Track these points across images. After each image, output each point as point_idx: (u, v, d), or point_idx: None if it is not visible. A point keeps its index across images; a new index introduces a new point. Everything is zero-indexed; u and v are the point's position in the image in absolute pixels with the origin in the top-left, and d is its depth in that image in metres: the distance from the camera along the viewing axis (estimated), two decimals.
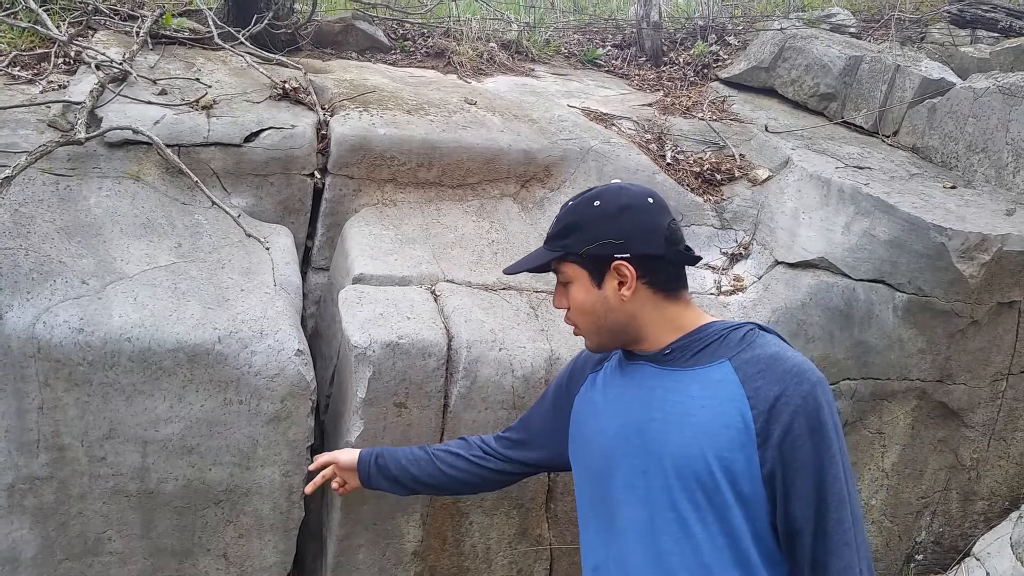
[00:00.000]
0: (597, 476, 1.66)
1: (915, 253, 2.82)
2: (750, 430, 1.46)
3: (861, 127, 3.94)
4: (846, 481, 1.46)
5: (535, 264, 1.71)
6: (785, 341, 1.61)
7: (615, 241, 1.58)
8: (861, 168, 3.32)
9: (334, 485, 2.18)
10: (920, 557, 3.20)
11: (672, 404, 1.55)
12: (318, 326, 2.89)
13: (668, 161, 3.52)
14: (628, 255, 1.58)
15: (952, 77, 3.82)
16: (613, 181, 1.73)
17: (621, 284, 1.60)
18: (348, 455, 2.13)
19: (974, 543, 3.07)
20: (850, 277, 2.91)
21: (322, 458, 2.18)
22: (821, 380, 1.49)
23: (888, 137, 3.85)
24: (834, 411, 1.48)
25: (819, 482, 1.44)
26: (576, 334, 1.71)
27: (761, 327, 1.61)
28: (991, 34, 4.67)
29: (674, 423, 1.53)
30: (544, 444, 1.94)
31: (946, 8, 4.67)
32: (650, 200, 1.62)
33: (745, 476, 1.46)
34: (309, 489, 2.24)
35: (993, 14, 4.48)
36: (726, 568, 1.48)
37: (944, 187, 3.26)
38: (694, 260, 1.66)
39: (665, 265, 1.61)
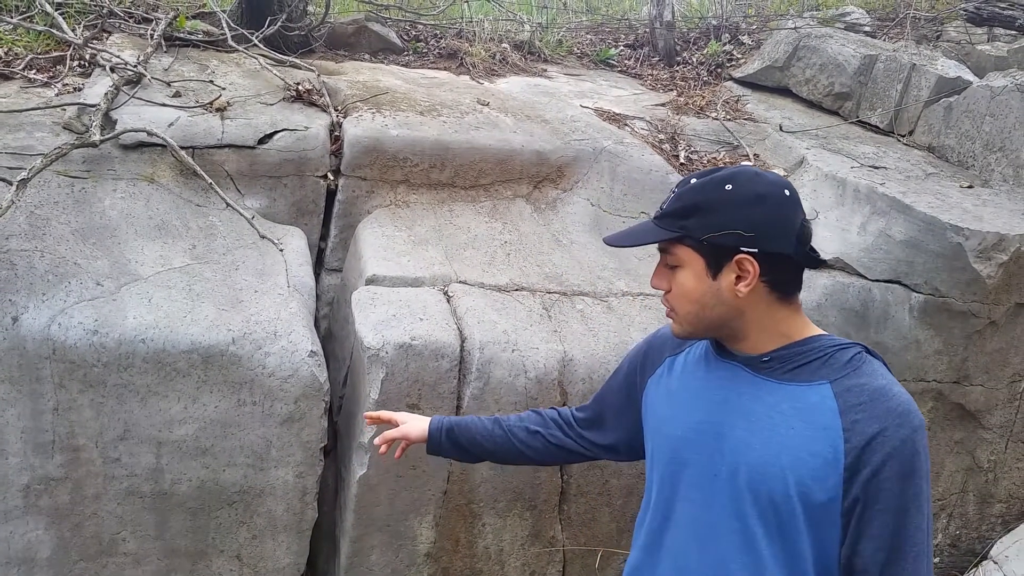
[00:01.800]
0: (664, 465, 1.60)
1: (932, 253, 2.80)
2: (839, 463, 1.38)
3: (876, 126, 3.91)
4: (927, 532, 1.40)
5: (643, 241, 1.54)
6: (889, 370, 1.52)
7: (745, 233, 1.43)
8: (877, 168, 3.30)
9: (395, 453, 1.96)
10: (937, 560, 3.17)
11: (759, 416, 1.46)
12: (331, 327, 2.90)
13: (682, 161, 3.50)
14: (756, 250, 1.43)
15: (969, 76, 3.79)
16: (744, 163, 1.56)
17: (739, 279, 1.45)
18: (418, 430, 1.91)
19: (992, 546, 3.04)
20: (866, 277, 2.89)
21: (391, 434, 1.93)
22: (922, 425, 1.41)
23: (904, 136, 3.82)
24: (927, 459, 1.41)
25: (899, 527, 1.38)
26: (669, 316, 1.58)
27: (868, 351, 1.51)
28: (1008, 32, 4.63)
29: (758, 436, 1.45)
30: (617, 424, 1.83)
31: (962, 6, 4.63)
32: (787, 192, 1.47)
33: (822, 507, 1.40)
34: (383, 450, 1.93)
35: (1011, 12, 4.43)
36: None
37: (961, 186, 3.23)
38: (820, 264, 1.55)
39: (791, 266, 1.47)
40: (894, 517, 1.37)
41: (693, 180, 1.50)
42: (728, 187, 1.45)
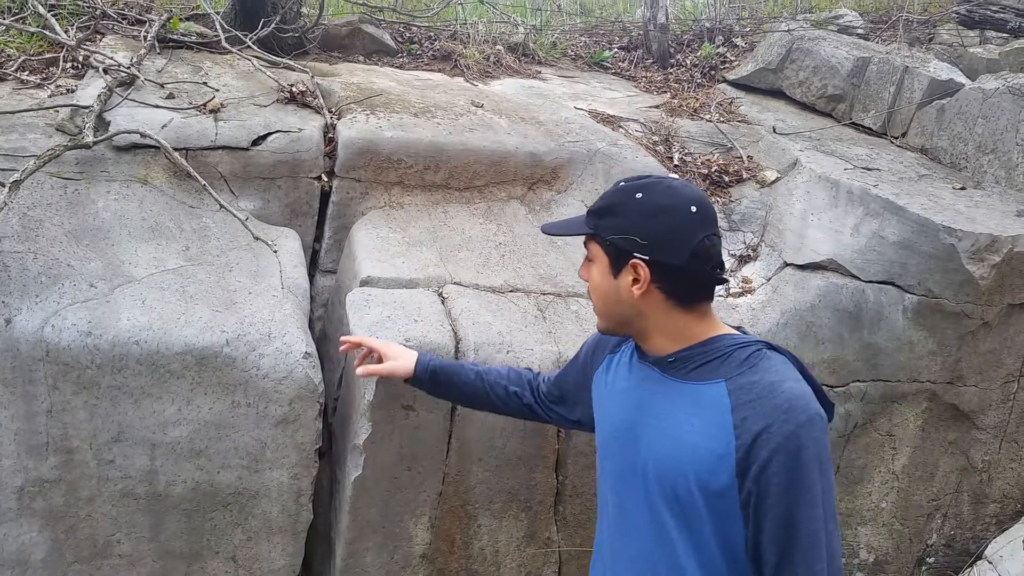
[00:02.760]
0: (599, 461, 1.74)
1: (925, 254, 2.81)
2: (731, 459, 1.46)
3: (869, 128, 3.92)
4: (825, 522, 1.44)
5: (570, 232, 1.70)
6: (798, 364, 1.58)
7: (640, 240, 1.54)
8: (870, 169, 3.31)
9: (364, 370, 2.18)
10: (931, 560, 3.18)
11: (667, 414, 1.56)
12: (326, 329, 2.89)
13: (675, 163, 3.51)
14: (648, 257, 1.54)
15: (961, 78, 3.81)
16: (669, 176, 1.69)
17: (635, 282, 1.56)
18: (404, 370, 2.12)
19: (986, 546, 3.05)
20: (859, 279, 2.90)
21: (379, 371, 2.15)
22: (811, 419, 1.44)
23: (897, 138, 3.83)
24: (823, 449, 1.45)
25: (791, 522, 1.43)
26: (594, 310, 1.71)
27: (772, 347, 1.58)
28: (1000, 35, 4.65)
29: (665, 432, 1.55)
30: (577, 402, 1.95)
31: (955, 9, 4.65)
32: (693, 209, 1.54)
33: (721, 499, 1.48)
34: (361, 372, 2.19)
35: (1002, 15, 4.45)
36: (695, 571, 1.52)
37: (954, 188, 3.24)
38: (720, 282, 1.61)
39: (684, 277, 1.55)
40: (785, 510, 1.42)
41: (621, 183, 1.62)
42: (639, 195, 1.56)
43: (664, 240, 1.53)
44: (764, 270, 3.12)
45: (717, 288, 1.64)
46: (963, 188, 3.26)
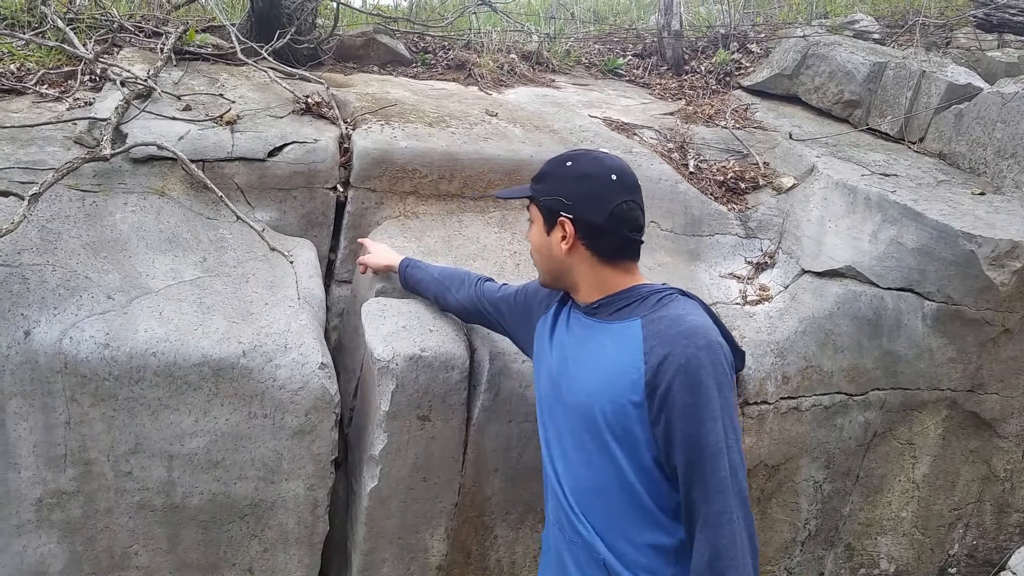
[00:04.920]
0: (541, 398, 1.98)
1: (944, 261, 2.78)
2: (640, 382, 1.66)
3: (887, 134, 3.89)
4: (725, 435, 1.62)
5: (517, 196, 1.98)
6: (708, 310, 1.80)
7: (566, 201, 1.80)
8: (887, 175, 3.28)
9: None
10: (953, 571, 3.14)
11: (589, 350, 1.81)
12: (341, 339, 2.90)
13: (691, 170, 3.50)
14: (572, 216, 1.79)
15: (979, 82, 3.77)
16: (600, 149, 1.95)
17: (563, 238, 1.82)
18: (387, 265, 2.57)
19: (1010, 556, 3.01)
20: (878, 286, 2.87)
21: (368, 262, 2.62)
22: (710, 344, 1.65)
23: (914, 144, 3.80)
24: (721, 372, 1.64)
25: (695, 434, 1.61)
26: (534, 265, 1.96)
27: (683, 293, 1.81)
28: (1019, 38, 4.61)
29: (585, 366, 1.79)
30: (510, 330, 2.25)
31: (972, 12, 4.62)
32: (613, 177, 1.79)
33: (634, 419, 1.68)
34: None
35: (1021, 18, 4.41)
36: (615, 491, 1.74)
37: (973, 194, 3.21)
38: (636, 243, 1.83)
39: (606, 235, 1.79)
40: (688, 425, 1.62)
41: (560, 154, 1.89)
42: (568, 163, 1.84)
43: (586, 201, 1.79)
44: (782, 277, 3.09)
45: (734, 295, 1.75)
46: (982, 193, 3.22)
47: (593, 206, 1.78)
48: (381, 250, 2.63)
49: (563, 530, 1.87)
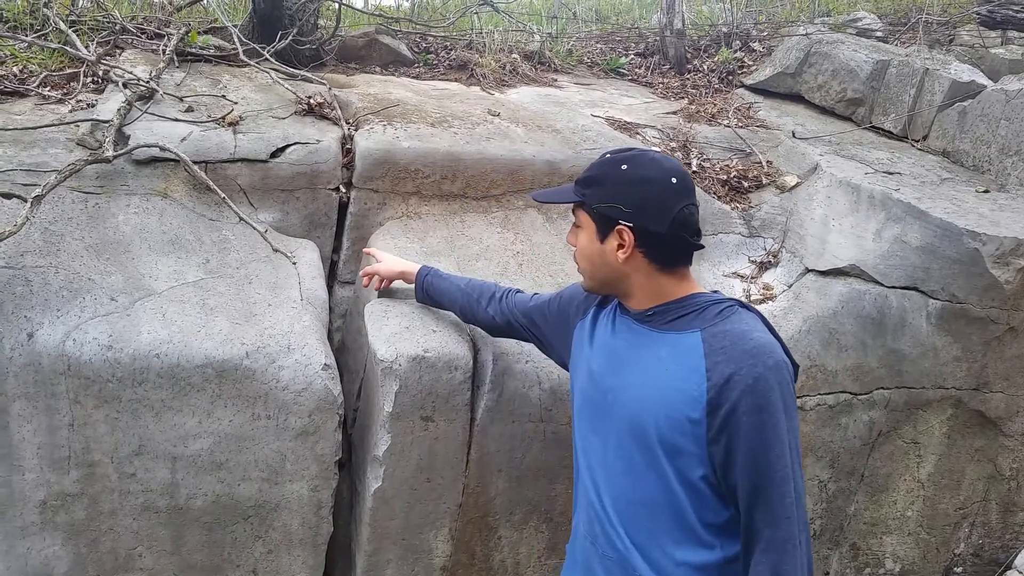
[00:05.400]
0: (580, 404, 1.87)
1: (948, 259, 2.77)
2: (703, 399, 1.59)
3: (890, 132, 3.88)
4: (791, 460, 1.57)
5: (559, 200, 1.88)
6: (766, 322, 1.71)
7: (625, 208, 1.69)
8: (891, 173, 3.27)
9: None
10: (959, 570, 3.13)
11: (643, 360, 1.72)
12: (345, 340, 2.89)
13: (694, 169, 3.49)
14: (632, 224, 1.69)
15: (983, 79, 3.76)
16: (652, 149, 1.85)
17: (620, 247, 1.71)
18: (403, 272, 2.46)
19: (1016, 555, 3.00)
20: (882, 284, 2.86)
21: (379, 271, 2.49)
22: (778, 364, 1.58)
23: (918, 141, 3.79)
24: (788, 393, 1.59)
25: (762, 458, 1.56)
26: (578, 271, 1.85)
27: (743, 305, 1.72)
28: (1022, 35, 4.59)
29: (640, 376, 1.70)
30: (536, 328, 2.15)
31: (975, 9, 4.60)
32: (673, 180, 1.69)
33: (689, 435, 1.61)
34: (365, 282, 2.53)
35: None
36: (661, 506, 1.67)
37: (977, 191, 3.20)
38: (698, 248, 1.75)
39: (665, 243, 1.70)
40: (754, 448, 1.56)
41: (607, 155, 1.77)
42: (623, 167, 1.71)
43: (647, 209, 1.68)
44: (785, 276, 3.09)
45: (737, 294, 1.70)
46: (986, 191, 3.21)
47: (654, 214, 1.67)
48: (391, 258, 2.51)
49: (596, 543, 1.80)
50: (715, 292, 1.79)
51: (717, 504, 1.65)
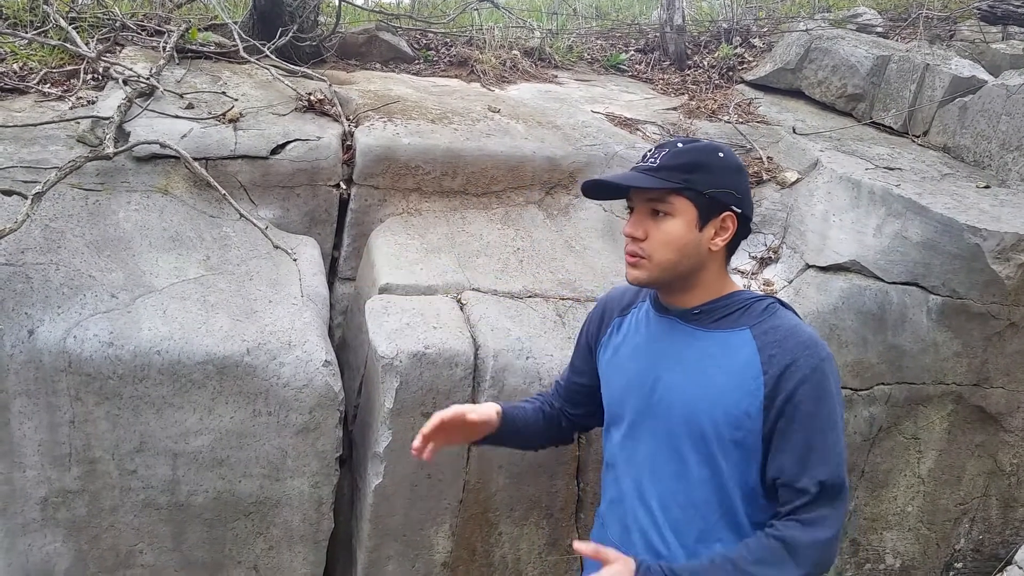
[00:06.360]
0: (611, 415, 1.84)
1: (949, 255, 2.77)
2: (760, 392, 1.60)
3: (890, 127, 3.88)
4: (841, 445, 1.62)
5: (643, 186, 1.65)
6: (798, 317, 1.74)
7: (735, 194, 1.67)
8: (892, 169, 3.27)
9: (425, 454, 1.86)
10: (960, 565, 3.13)
11: (691, 359, 1.69)
12: (345, 336, 2.90)
13: None
14: (740, 211, 1.68)
15: (984, 75, 3.75)
16: (715, 140, 1.82)
17: (717, 234, 1.68)
18: (487, 425, 1.89)
19: (1016, 551, 2.99)
20: (883, 280, 2.86)
21: (458, 417, 1.85)
22: (831, 356, 1.63)
23: (918, 137, 3.79)
24: (837, 384, 1.63)
25: (813, 441, 1.59)
26: (635, 263, 1.69)
27: (781, 303, 1.74)
28: (1023, 30, 4.59)
29: (690, 376, 1.68)
30: (595, 379, 1.95)
31: (976, 5, 4.59)
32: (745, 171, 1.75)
33: (747, 430, 1.62)
34: (421, 452, 1.85)
35: None
36: (713, 506, 1.67)
37: (977, 187, 3.19)
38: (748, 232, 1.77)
39: (746, 232, 1.73)
40: (809, 434, 1.59)
41: (680, 144, 1.69)
42: (721, 155, 1.68)
43: (747, 195, 1.71)
44: (786, 272, 3.08)
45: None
46: (987, 186, 3.21)
47: (750, 202, 1.72)
48: (467, 407, 1.90)
49: (632, 545, 1.74)
50: (755, 291, 1.80)
51: (766, 504, 1.67)
